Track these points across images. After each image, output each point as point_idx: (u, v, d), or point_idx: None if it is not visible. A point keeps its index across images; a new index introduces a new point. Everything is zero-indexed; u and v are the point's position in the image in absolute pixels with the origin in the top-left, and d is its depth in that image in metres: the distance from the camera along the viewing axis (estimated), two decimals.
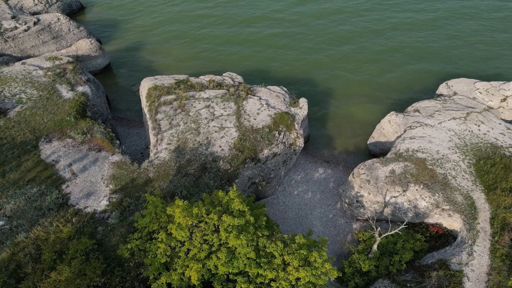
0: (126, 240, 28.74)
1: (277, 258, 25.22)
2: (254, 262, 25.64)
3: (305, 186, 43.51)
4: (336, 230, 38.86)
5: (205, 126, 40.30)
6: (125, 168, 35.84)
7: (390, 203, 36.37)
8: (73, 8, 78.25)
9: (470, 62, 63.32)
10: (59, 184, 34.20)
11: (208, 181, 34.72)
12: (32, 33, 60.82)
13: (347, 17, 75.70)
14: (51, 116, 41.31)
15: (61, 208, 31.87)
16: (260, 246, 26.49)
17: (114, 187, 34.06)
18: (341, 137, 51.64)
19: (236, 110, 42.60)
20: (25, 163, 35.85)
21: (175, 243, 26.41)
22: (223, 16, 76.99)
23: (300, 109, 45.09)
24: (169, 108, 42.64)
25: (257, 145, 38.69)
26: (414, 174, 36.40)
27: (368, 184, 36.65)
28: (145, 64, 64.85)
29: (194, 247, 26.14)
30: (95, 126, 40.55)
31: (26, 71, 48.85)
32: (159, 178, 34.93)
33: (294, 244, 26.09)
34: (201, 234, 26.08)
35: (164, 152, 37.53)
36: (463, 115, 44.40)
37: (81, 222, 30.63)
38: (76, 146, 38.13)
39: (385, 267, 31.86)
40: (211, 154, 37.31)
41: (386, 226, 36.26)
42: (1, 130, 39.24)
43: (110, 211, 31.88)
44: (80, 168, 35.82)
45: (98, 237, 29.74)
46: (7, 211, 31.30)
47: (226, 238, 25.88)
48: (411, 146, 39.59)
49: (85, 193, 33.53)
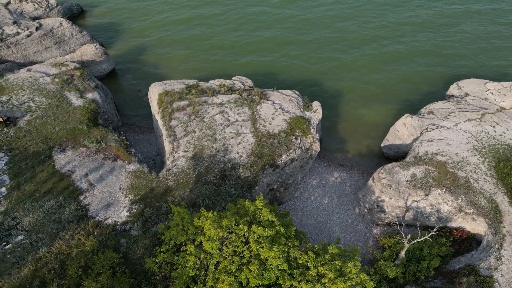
0: (152, 253, 28.01)
1: (311, 270, 24.67)
2: (287, 274, 25.07)
3: (321, 191, 43.04)
4: (356, 236, 38.42)
5: (221, 132, 39.66)
6: (143, 177, 35.07)
7: (411, 208, 36.03)
8: (73, 12, 77.00)
9: (476, 62, 63.37)
10: (77, 195, 33.35)
11: (229, 189, 34.09)
12: (35, 39, 59.61)
13: (353, 21, 75.42)
14: (62, 125, 40.37)
15: (81, 220, 31.05)
16: (291, 257, 25.92)
17: (133, 197, 33.29)
18: (353, 139, 51.26)
19: (251, 115, 42.01)
20: (40, 174, 34.93)
21: (205, 255, 25.75)
22: (227, 20, 76.25)
23: (314, 112, 44.62)
24: (183, 115, 41.91)
25: (275, 151, 38.12)
26: (436, 178, 36.08)
27: (389, 189, 36.26)
28: (150, 68, 63.98)
29: (225, 259, 25.52)
30: (108, 134, 39.70)
31: (33, 78, 47.81)
32: (179, 187, 34.22)
33: (327, 255, 25.56)
34: (232, 246, 25.45)
35: (181, 160, 36.81)
36: (478, 116, 44.23)
37: (103, 235, 29.84)
38: (91, 155, 37.27)
39: (412, 273, 31.46)
40: (230, 161, 36.67)
41: (407, 231, 35.98)
42: (12, 140, 38.26)
43: (132, 222, 31.12)
44: (97, 178, 34.98)
45: (122, 250, 28.96)
46: (25, 224, 30.41)
47: (258, 249, 25.28)
48: (430, 149, 39.29)
49: (104, 204, 32.72)
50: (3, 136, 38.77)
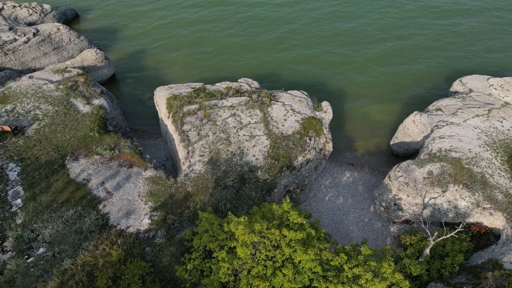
0: (181, 260, 27.63)
1: (346, 271, 24.61)
2: (321, 276, 24.96)
3: (335, 191, 43.10)
4: (374, 235, 38.57)
5: (234, 135, 39.38)
6: (161, 184, 34.60)
7: (429, 205, 36.30)
8: (68, 16, 75.69)
9: (474, 58, 64.30)
10: (96, 204, 32.73)
11: (249, 193, 33.85)
12: (33, 45, 58.44)
13: (354, 20, 75.85)
14: (73, 132, 39.61)
15: (103, 230, 30.47)
16: (323, 260, 25.82)
17: (153, 204, 32.81)
18: (361, 138, 51.51)
19: (263, 117, 41.83)
20: (55, 184, 34.18)
21: (237, 261, 25.48)
22: (226, 22, 75.86)
23: (325, 113, 44.68)
24: (195, 119, 41.49)
25: (291, 153, 38.01)
26: (452, 174, 36.42)
27: (407, 187, 36.47)
28: (150, 72, 63.26)
29: (257, 264, 25.30)
30: (121, 140, 39.09)
31: (36, 85, 46.81)
32: (199, 192, 33.85)
33: (360, 256, 25.54)
34: (265, 250, 25.24)
35: (198, 165, 36.43)
36: (485, 112, 44.83)
37: (127, 244, 29.32)
38: (105, 163, 36.63)
39: (436, 270, 31.68)
40: (247, 164, 36.43)
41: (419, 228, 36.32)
42: (23, 149, 37.39)
43: (155, 230, 30.66)
44: (114, 186, 34.38)
45: (148, 259, 28.47)
46: (46, 236, 29.71)
47: (290, 253, 25.12)
48: (443, 145, 39.65)
49: (124, 212, 32.17)
50: (13, 146, 37.88)
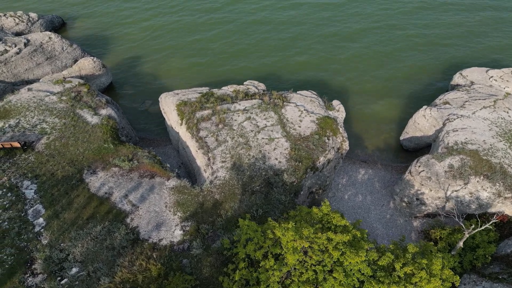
0: (224, 271, 26.97)
1: (397, 271, 24.55)
2: (371, 277, 24.84)
3: (353, 189, 43.19)
4: (398, 230, 38.82)
5: (253, 139, 38.89)
6: (187, 193, 33.77)
7: (451, 198, 36.80)
8: (55, 25, 73.23)
9: (470, 51, 65.79)
10: (123, 218, 31.65)
11: (278, 197, 33.46)
12: (25, 56, 56.29)
13: (352, 17, 76.39)
14: (86, 145, 38.24)
15: (135, 244, 29.47)
16: (370, 260, 25.71)
17: (182, 214, 31.97)
18: (369, 135, 51.83)
19: (278, 119, 41.49)
20: (76, 200, 32.87)
21: (286, 268, 25.05)
22: (220, 24, 75.07)
23: (338, 112, 44.74)
24: (210, 124, 40.76)
25: (312, 153, 37.81)
26: (472, 166, 37.03)
27: (429, 181, 36.85)
28: (148, 78, 61.85)
29: (307, 270, 24.96)
30: (138, 151, 38.02)
31: (37, 97, 45.03)
32: (227, 199, 33.21)
33: (408, 254, 25.55)
34: (314, 255, 24.91)
35: (221, 171, 35.75)
36: (491, 103, 45.84)
37: (163, 257, 28.43)
38: (125, 175, 35.50)
39: (468, 262, 32.12)
40: (270, 167, 36.00)
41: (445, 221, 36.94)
42: (35, 166, 35.82)
43: (189, 241, 29.88)
44: (138, 198, 33.36)
45: (188, 271, 27.69)
46: (77, 255, 28.51)
47: (339, 256, 24.88)
48: (458, 138, 40.28)
49: (154, 225, 31.23)
50: (24, 162, 36.26)
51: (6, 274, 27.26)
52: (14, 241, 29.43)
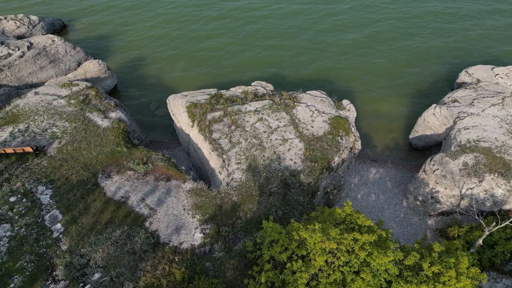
0: (249, 274, 26.81)
1: (425, 270, 24.54)
2: (398, 277, 24.82)
3: (365, 189, 43.23)
4: (413, 229, 38.91)
5: (267, 140, 38.76)
6: (204, 195, 33.55)
7: (466, 195, 36.96)
8: (56, 27, 72.50)
9: (472, 49, 66.21)
10: (141, 222, 31.36)
11: (297, 198, 33.36)
12: (29, 59, 55.66)
13: (354, 16, 76.52)
14: (99, 149, 37.86)
15: (156, 248, 29.21)
16: (396, 260, 25.69)
17: (201, 217, 31.76)
18: (377, 134, 51.92)
19: (291, 120, 41.41)
20: (93, 204, 32.53)
21: (313, 269, 24.95)
22: (219, 26, 74.86)
23: (348, 111, 44.77)
24: (222, 126, 40.57)
25: (327, 154, 37.76)
26: (486, 164, 37.21)
27: (444, 179, 36.96)
28: (152, 80, 61.49)
29: (334, 271, 24.88)
30: (152, 154, 37.71)
31: (45, 101, 44.52)
32: (245, 201, 33.04)
33: (434, 253, 25.58)
34: (342, 256, 24.84)
35: (237, 173, 35.58)
36: (499, 100, 46.13)
37: (185, 261, 28.20)
38: (141, 178, 35.20)
39: (487, 259, 32.25)
40: (286, 168, 35.90)
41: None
42: (49, 171, 35.39)
43: (210, 243, 29.69)
44: (156, 202, 33.08)
45: (211, 274, 27.50)
46: (98, 261, 28.19)
47: (365, 256, 24.84)
48: (470, 136, 40.45)
49: (173, 228, 30.98)
50: (37, 167, 35.82)
51: (28, 281, 26.88)
52: (33, 248, 29.04)
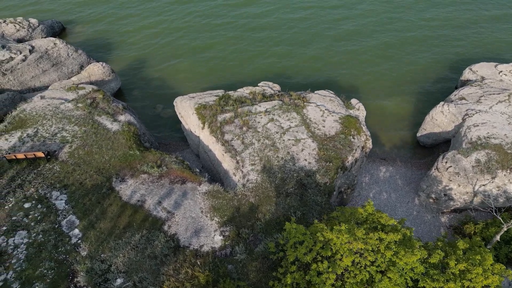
0: (274, 275, 26.71)
1: (451, 268, 24.64)
2: (424, 275, 24.89)
3: (376, 187, 43.35)
4: (427, 227, 39.08)
5: (279, 140, 38.68)
6: (221, 197, 33.39)
7: (479, 192, 37.21)
8: (55, 30, 71.67)
9: (475, 46, 66.72)
10: (160, 225, 31.12)
11: (314, 198, 33.34)
12: (31, 63, 54.96)
13: (355, 15, 76.68)
14: (111, 153, 37.51)
15: (177, 252, 28.99)
16: (421, 258, 25.75)
17: (220, 219, 31.60)
18: (384, 132, 52.08)
19: (302, 120, 41.37)
20: (109, 209, 32.20)
21: (340, 270, 24.92)
22: (220, 26, 74.56)
23: (358, 110, 44.86)
24: (234, 127, 40.41)
25: (341, 153, 37.78)
26: (499, 160, 37.50)
27: (457, 177, 37.18)
28: (156, 82, 61.08)
29: (360, 271, 24.87)
30: (165, 156, 37.47)
31: (52, 105, 43.99)
32: (262, 202, 32.95)
33: (459, 250, 25.69)
34: (369, 256, 24.84)
35: (252, 174, 35.47)
36: (506, 97, 46.49)
37: (207, 264, 28.04)
38: (156, 181, 34.93)
39: (504, 255, 32.50)
40: (301, 169, 35.85)
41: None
42: (62, 176, 34.96)
43: (230, 246, 29.55)
44: (173, 205, 32.84)
45: (234, 277, 27.37)
46: (120, 266, 27.91)
47: (391, 256, 24.87)
48: (480, 133, 40.71)
49: (192, 231, 30.79)
50: (49, 172, 35.36)
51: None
52: (52, 254, 28.65)
